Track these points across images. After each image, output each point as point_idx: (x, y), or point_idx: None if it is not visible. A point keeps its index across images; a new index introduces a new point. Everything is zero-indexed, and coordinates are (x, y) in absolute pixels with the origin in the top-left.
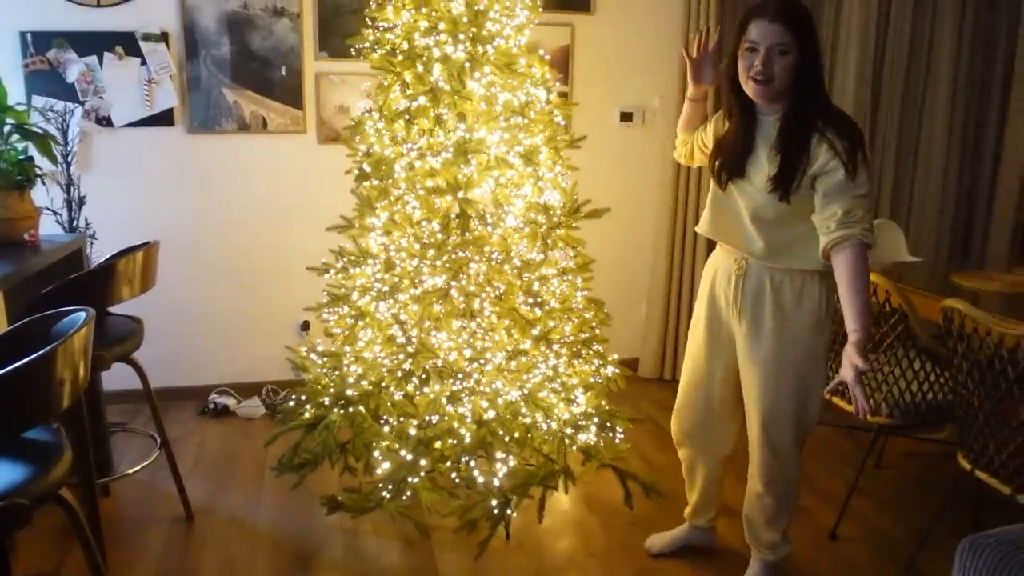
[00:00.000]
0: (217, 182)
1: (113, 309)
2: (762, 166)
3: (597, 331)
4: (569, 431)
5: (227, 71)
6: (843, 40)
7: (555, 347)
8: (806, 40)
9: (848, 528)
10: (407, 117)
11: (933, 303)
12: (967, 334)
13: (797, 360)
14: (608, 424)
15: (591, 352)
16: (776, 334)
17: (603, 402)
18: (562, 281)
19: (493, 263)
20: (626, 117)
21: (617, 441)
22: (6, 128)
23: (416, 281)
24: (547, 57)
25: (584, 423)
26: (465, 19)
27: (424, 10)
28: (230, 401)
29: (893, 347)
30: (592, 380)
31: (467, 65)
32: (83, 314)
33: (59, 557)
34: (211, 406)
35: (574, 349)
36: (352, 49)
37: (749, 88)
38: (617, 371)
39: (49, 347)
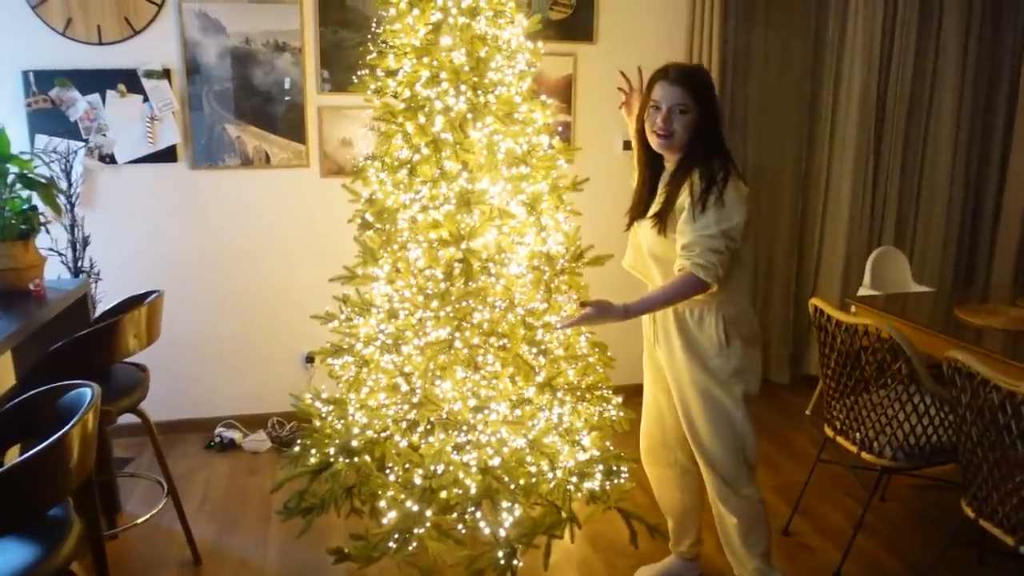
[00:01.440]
0: (221, 217)
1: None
2: (655, 208)
3: (600, 371)
4: (574, 480)
5: (229, 106)
6: (847, 64)
7: (559, 394)
8: (703, 100)
9: (853, 567)
10: (409, 167)
11: (938, 341)
12: (971, 386)
13: (707, 384)
14: (614, 467)
15: (595, 396)
16: (686, 360)
17: (608, 443)
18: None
19: (497, 311)
20: (628, 146)
21: (622, 481)
22: (9, 177)
23: (420, 333)
24: (549, 101)
25: (589, 470)
26: (467, 68)
27: (426, 59)
28: (236, 435)
29: (895, 387)
30: (596, 420)
31: (469, 116)
32: (89, 392)
33: None
34: (217, 439)
35: (578, 394)
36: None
37: (653, 141)
38: (621, 414)
39: (61, 432)
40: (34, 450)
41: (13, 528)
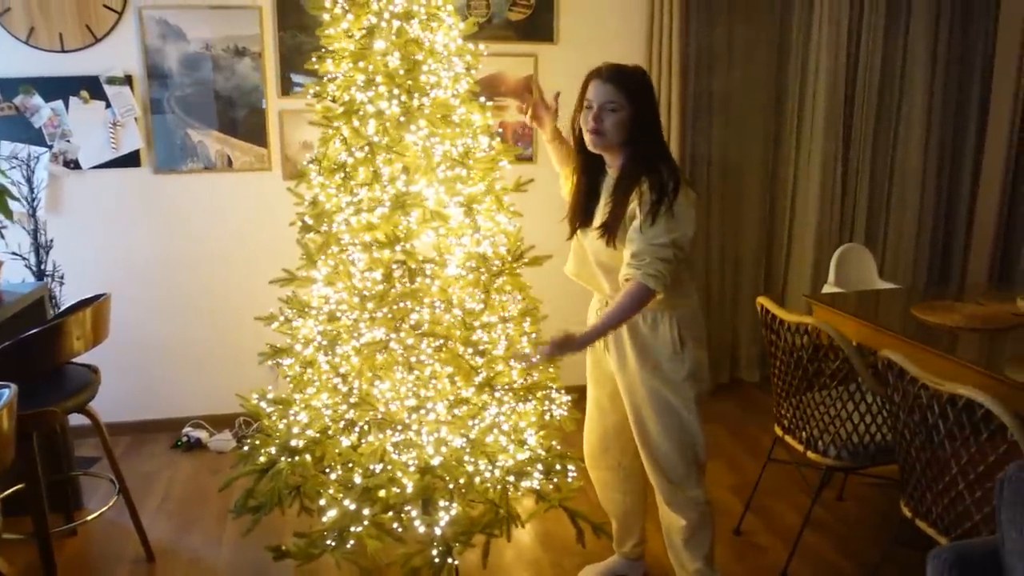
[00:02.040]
0: (185, 221)
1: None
2: (600, 214)
3: (551, 371)
4: (511, 479)
5: (191, 111)
6: (813, 64)
7: (498, 393)
8: (636, 98)
9: (800, 565)
10: (344, 170)
11: (888, 338)
12: (902, 384)
13: (659, 387)
14: (558, 467)
15: (538, 396)
16: (639, 365)
17: (554, 443)
18: (505, 327)
19: (436, 312)
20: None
21: (569, 480)
22: None
23: (355, 334)
24: (489, 103)
25: (528, 469)
26: (401, 71)
27: (361, 64)
28: (203, 434)
29: (836, 386)
30: (545, 420)
31: (402, 119)
32: (6, 392)
33: None
34: (184, 439)
35: (520, 393)
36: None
37: (587, 140)
38: (565, 413)
39: None
40: None
41: None
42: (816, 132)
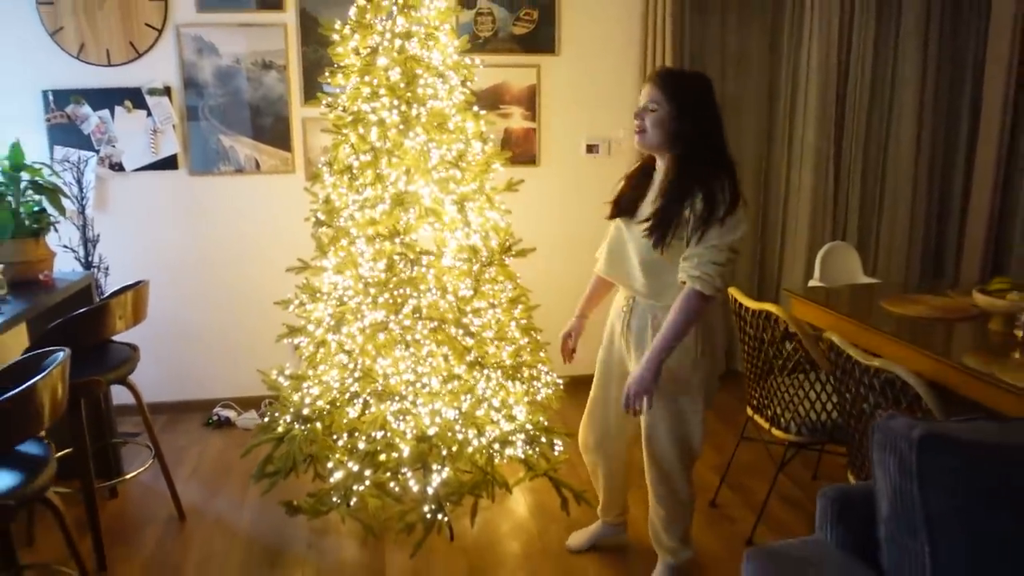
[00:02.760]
0: (217, 218)
1: (121, 337)
2: (647, 211)
3: (543, 355)
4: (496, 447)
5: (223, 119)
6: (804, 66)
7: (487, 371)
8: (677, 99)
9: (769, 535)
10: (352, 172)
11: (852, 327)
12: (841, 363)
13: (673, 388)
14: (543, 439)
15: (525, 375)
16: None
17: (541, 418)
18: (495, 312)
19: (432, 298)
20: (592, 148)
21: (556, 453)
22: (23, 184)
23: (359, 315)
24: (483, 112)
25: (512, 439)
26: (402, 84)
27: (367, 78)
28: (232, 414)
29: (798, 371)
30: (528, 397)
31: (401, 127)
32: (61, 354)
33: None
34: (215, 418)
35: (509, 372)
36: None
37: (634, 140)
38: (551, 391)
39: (30, 382)
40: (6, 395)
41: None
42: (808, 132)
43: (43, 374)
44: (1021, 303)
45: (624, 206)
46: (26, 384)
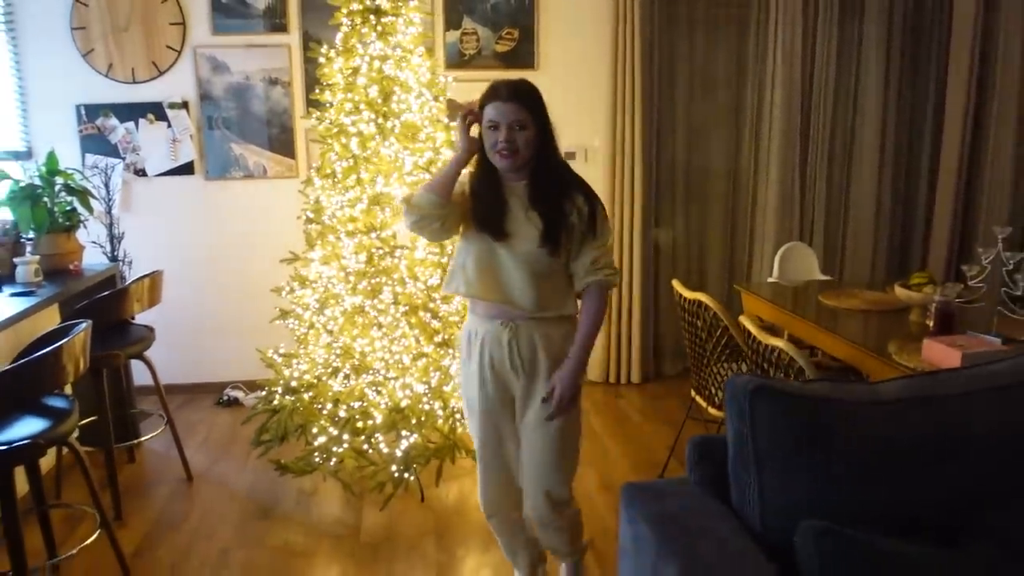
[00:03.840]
0: (229, 218)
1: (139, 319)
2: (522, 224)
3: None
4: (459, 416)
5: (234, 129)
6: (769, 79)
7: (452, 351)
8: (539, 115)
9: None
10: (336, 176)
11: (787, 317)
12: (751, 343)
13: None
14: None
15: None
16: (549, 379)
17: None
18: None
19: (406, 286)
20: (570, 156)
21: None
22: (57, 187)
23: (340, 301)
24: (452, 124)
25: None
26: (379, 100)
27: (349, 94)
28: (240, 394)
29: (732, 360)
30: None
31: (378, 137)
32: (83, 324)
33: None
34: (224, 398)
35: None
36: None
37: (496, 161)
38: None
39: (51, 347)
40: (31, 357)
41: (24, 405)
42: (774, 141)
43: (68, 338)
44: (932, 296)
45: (498, 229)
46: (54, 345)
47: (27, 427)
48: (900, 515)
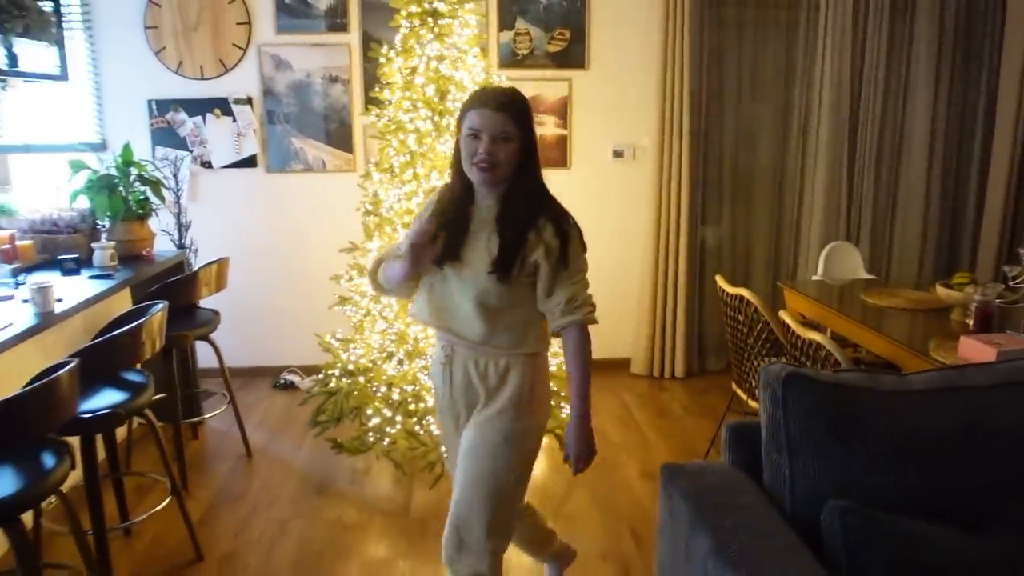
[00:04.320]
0: (289, 209)
1: (204, 303)
2: (481, 249)
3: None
4: None
5: (295, 124)
6: (817, 79)
7: None
8: (525, 129)
9: None
10: (394, 171)
11: (830, 315)
12: (790, 336)
13: (496, 438)
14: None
15: None
16: (482, 412)
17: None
18: None
19: None
20: (618, 154)
21: (564, 415)
22: (131, 177)
23: None
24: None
25: None
26: (436, 99)
27: (408, 92)
28: (296, 378)
29: (772, 354)
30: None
31: (434, 134)
32: (160, 304)
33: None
34: (281, 382)
35: None
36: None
37: (473, 174)
38: (558, 361)
39: (134, 324)
40: (114, 333)
41: (108, 377)
42: (822, 140)
43: (147, 316)
44: (973, 295)
45: (450, 252)
46: (135, 323)
47: (108, 398)
48: (925, 501)
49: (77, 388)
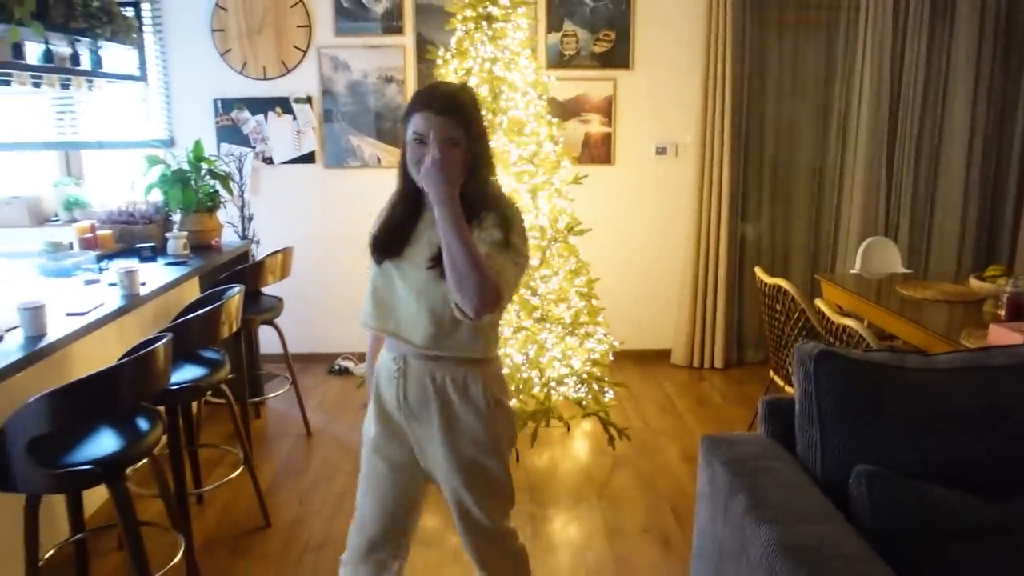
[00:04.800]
0: (345, 203)
1: (266, 291)
2: (423, 244)
3: (601, 320)
4: (554, 385)
5: (352, 123)
6: (857, 78)
7: (549, 326)
8: (473, 131)
9: None
10: None
11: (865, 305)
12: (824, 322)
13: (475, 455)
14: (595, 385)
15: (580, 333)
16: (451, 439)
17: (595, 369)
18: (560, 279)
19: None
20: (661, 151)
21: (606, 398)
22: (202, 171)
23: None
24: (554, 120)
25: (567, 381)
26: (489, 99)
27: None
28: (350, 364)
29: (805, 338)
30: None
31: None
32: (236, 288)
33: (228, 441)
34: (336, 367)
35: (568, 329)
36: None
37: (419, 179)
38: (603, 347)
39: (214, 306)
40: (201, 311)
41: (189, 354)
42: (861, 139)
43: (226, 299)
44: (1004, 286)
45: (390, 246)
46: (218, 303)
47: (190, 373)
48: (946, 472)
49: (171, 360)
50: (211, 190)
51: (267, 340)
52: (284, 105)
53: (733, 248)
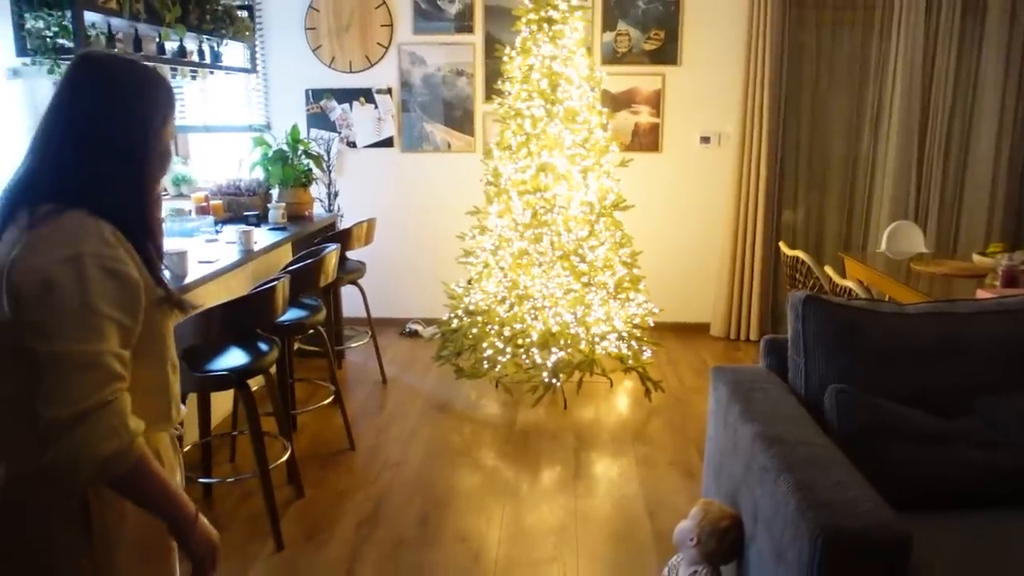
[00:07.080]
0: (420, 183)
1: (350, 255)
2: None
3: (643, 289)
4: (598, 339)
5: (427, 111)
6: (890, 72)
7: (594, 288)
8: None
9: None
10: (512, 149)
11: (879, 276)
12: (830, 285)
13: None
14: (635, 343)
15: (620, 297)
16: None
17: (635, 330)
18: (607, 250)
19: (561, 236)
20: (705, 140)
21: (645, 356)
22: (299, 152)
23: (510, 244)
24: (604, 110)
25: (610, 337)
26: (548, 91)
27: (525, 85)
28: (419, 327)
29: None
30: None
31: (545, 119)
32: (333, 246)
33: (322, 395)
34: (406, 330)
35: (611, 292)
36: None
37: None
38: (642, 310)
39: (317, 258)
40: (308, 261)
41: (294, 299)
42: (893, 133)
43: (326, 252)
44: (1000, 261)
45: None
46: (320, 255)
47: (293, 313)
48: (909, 395)
49: (287, 297)
50: (306, 168)
51: (347, 304)
52: (367, 95)
53: (769, 230)
